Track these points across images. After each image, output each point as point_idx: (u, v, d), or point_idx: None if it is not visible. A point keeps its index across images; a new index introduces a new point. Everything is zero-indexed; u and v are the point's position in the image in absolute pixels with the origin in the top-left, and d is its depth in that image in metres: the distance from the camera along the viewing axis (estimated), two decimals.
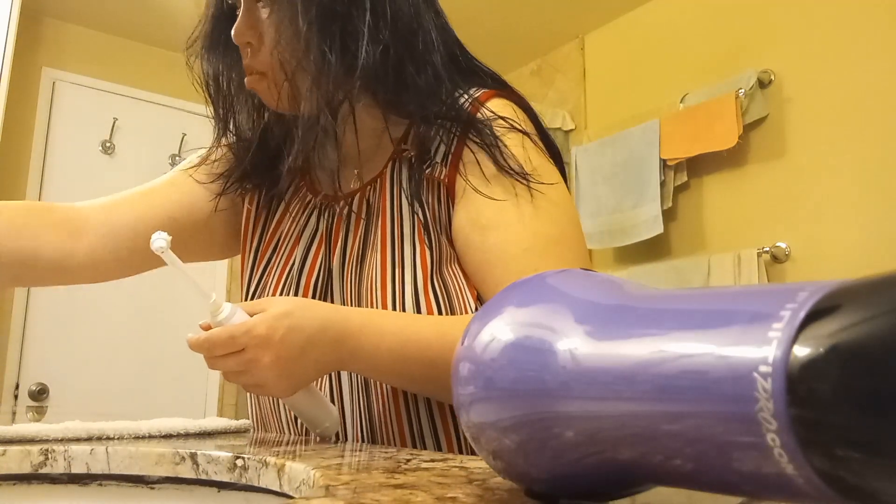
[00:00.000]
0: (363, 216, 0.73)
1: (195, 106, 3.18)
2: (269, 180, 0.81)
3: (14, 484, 0.53)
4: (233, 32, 0.72)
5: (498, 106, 0.71)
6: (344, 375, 0.72)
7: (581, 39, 3.01)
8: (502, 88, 0.74)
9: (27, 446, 0.53)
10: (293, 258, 0.77)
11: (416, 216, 0.70)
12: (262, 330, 0.56)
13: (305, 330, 0.58)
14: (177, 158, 3.06)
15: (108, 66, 2.99)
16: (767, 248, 2.23)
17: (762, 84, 2.32)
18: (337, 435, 0.69)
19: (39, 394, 2.60)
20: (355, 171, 0.77)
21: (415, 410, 0.69)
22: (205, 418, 0.69)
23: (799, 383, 0.18)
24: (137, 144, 3.00)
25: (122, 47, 3.03)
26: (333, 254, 0.74)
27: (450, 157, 0.70)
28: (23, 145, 2.75)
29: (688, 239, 2.52)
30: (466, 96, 0.72)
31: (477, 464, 0.41)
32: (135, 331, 2.79)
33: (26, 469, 0.52)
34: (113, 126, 2.96)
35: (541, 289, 0.28)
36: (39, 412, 1.45)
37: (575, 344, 0.25)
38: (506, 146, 0.68)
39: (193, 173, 0.83)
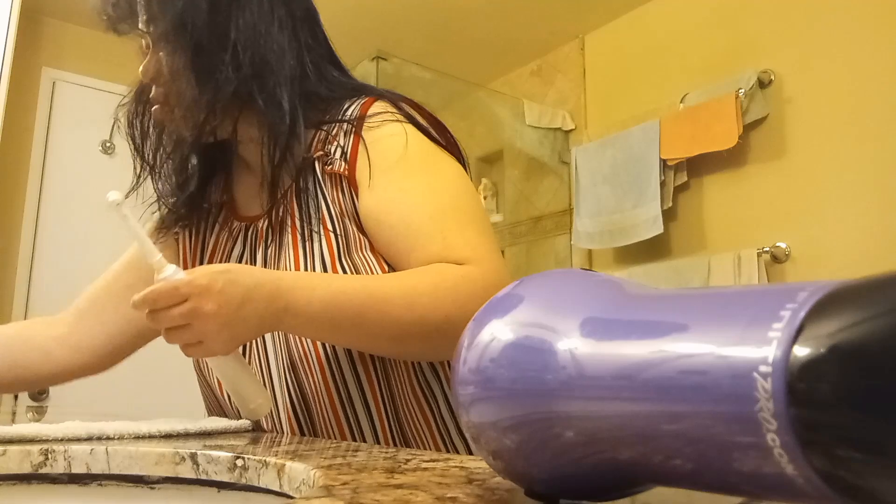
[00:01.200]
0: (277, 224, 0.80)
1: None
2: (198, 215, 0.89)
3: (14, 484, 0.53)
4: (140, 70, 0.80)
5: (380, 107, 0.80)
6: (273, 359, 0.77)
7: (581, 39, 3.01)
8: (381, 96, 0.83)
9: (27, 446, 0.53)
10: None
11: (319, 210, 0.77)
12: (203, 280, 0.59)
13: (243, 283, 0.61)
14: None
15: (108, 66, 2.99)
16: (767, 248, 2.23)
17: (762, 84, 2.32)
18: (266, 422, 0.75)
19: (39, 394, 2.60)
20: (265, 186, 0.84)
21: (349, 401, 0.74)
22: (205, 418, 0.69)
23: (799, 383, 0.18)
24: None
25: (123, 47, 3.02)
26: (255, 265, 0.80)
27: (348, 152, 0.77)
28: (23, 145, 2.75)
29: (688, 239, 2.52)
30: (353, 103, 0.81)
31: (477, 464, 0.41)
32: None
33: (26, 469, 0.52)
34: (113, 126, 2.95)
35: (541, 289, 0.28)
36: (39, 412, 1.45)
37: (575, 344, 0.25)
38: (393, 135, 0.76)
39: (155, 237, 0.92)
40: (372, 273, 0.75)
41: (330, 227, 0.76)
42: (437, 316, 0.65)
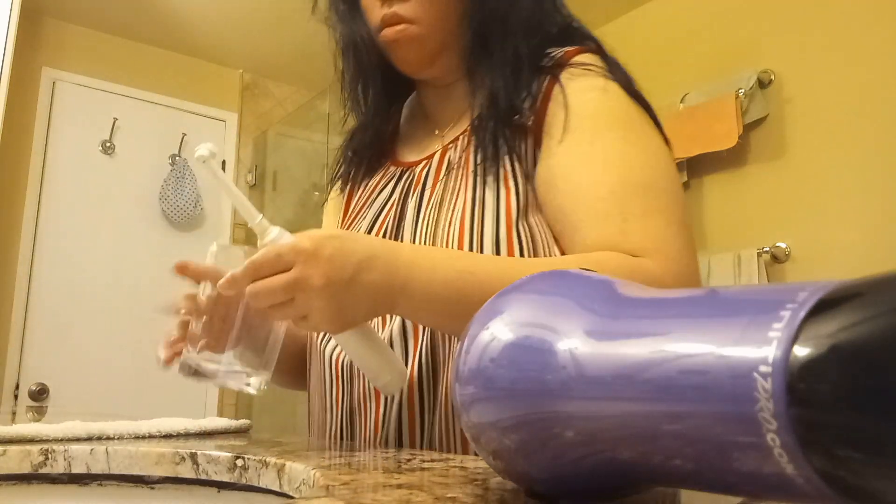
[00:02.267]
0: (443, 169, 0.71)
1: (195, 106, 3.18)
2: (365, 165, 0.82)
3: (14, 484, 0.53)
4: None
5: (585, 58, 0.69)
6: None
7: None
8: (590, 45, 0.73)
9: (27, 446, 0.53)
10: (358, 227, 0.77)
11: (502, 162, 0.67)
12: (307, 244, 0.50)
13: (355, 253, 0.52)
14: (176, 158, 3.06)
15: (108, 66, 2.99)
16: (767, 248, 2.23)
17: (762, 84, 2.32)
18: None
19: (39, 394, 2.60)
20: (436, 132, 0.78)
21: None
22: (205, 418, 0.68)
23: (799, 383, 0.18)
24: (137, 144, 3.00)
25: (122, 47, 3.03)
26: (406, 211, 0.72)
27: (537, 102, 0.67)
28: (23, 145, 2.75)
29: None
30: (556, 49, 0.71)
31: (477, 464, 0.41)
32: (135, 331, 2.79)
33: (26, 469, 0.52)
34: (113, 126, 2.96)
35: (541, 289, 0.28)
36: (39, 412, 1.45)
37: (575, 344, 0.25)
38: (595, 89, 0.66)
39: (331, 212, 0.87)
40: (547, 241, 0.64)
41: (511, 183, 0.66)
42: None
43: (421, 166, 0.75)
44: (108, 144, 2.95)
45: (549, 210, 0.64)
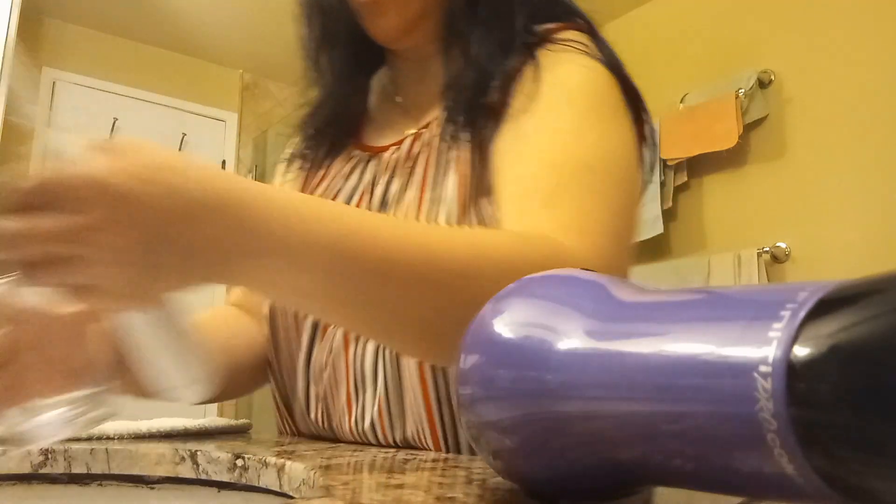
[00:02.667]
0: (413, 157, 0.65)
1: (195, 106, 3.18)
2: (326, 145, 0.74)
3: (14, 484, 0.53)
4: None
5: (569, 35, 0.63)
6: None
7: None
8: (578, 21, 0.66)
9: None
10: None
11: (464, 146, 0.61)
12: (118, 179, 0.33)
13: (187, 195, 0.35)
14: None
15: (108, 66, 2.99)
16: (767, 248, 2.23)
17: (762, 84, 2.32)
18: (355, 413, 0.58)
19: None
20: (408, 113, 0.71)
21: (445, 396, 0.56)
22: (205, 418, 0.69)
23: (799, 383, 0.18)
24: None
25: (122, 47, 3.03)
26: (373, 203, 0.66)
27: (507, 79, 0.61)
28: (23, 145, 2.75)
29: (688, 239, 2.52)
30: (542, 25, 0.65)
31: (477, 464, 0.41)
32: None
33: (26, 469, 0.52)
34: (113, 126, 2.96)
35: (541, 289, 0.29)
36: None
37: (575, 344, 0.25)
38: (571, 62, 0.60)
39: (291, 178, 0.78)
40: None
41: (469, 167, 0.60)
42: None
43: (389, 152, 0.68)
44: None
45: (496, 180, 0.58)
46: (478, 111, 0.60)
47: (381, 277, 0.39)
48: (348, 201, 0.67)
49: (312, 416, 0.65)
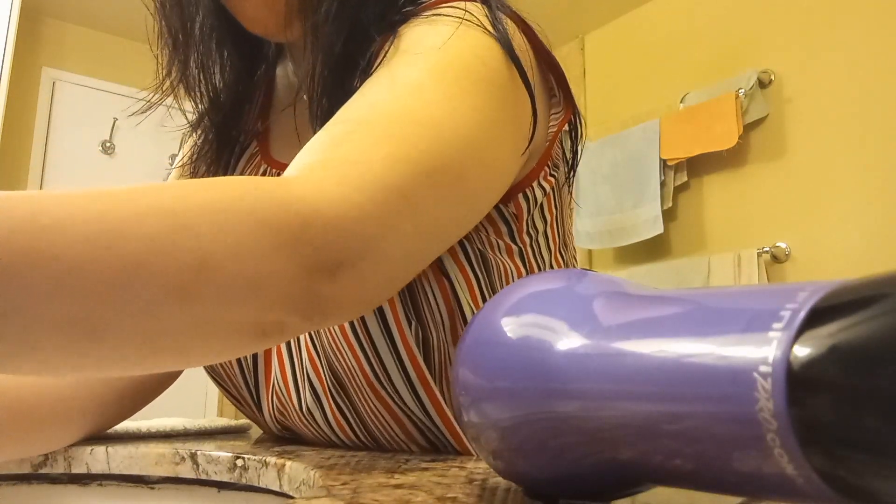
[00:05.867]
0: None
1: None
2: (228, 151, 0.67)
3: (14, 484, 0.53)
4: None
5: (448, 9, 0.53)
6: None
7: (581, 39, 3.01)
8: None
9: None
10: None
11: None
12: None
13: None
14: (176, 158, 3.06)
15: (108, 66, 2.99)
16: (767, 248, 2.23)
17: (762, 84, 2.32)
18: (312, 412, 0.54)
19: None
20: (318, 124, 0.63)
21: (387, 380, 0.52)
22: (205, 418, 0.68)
23: (799, 383, 0.18)
24: (137, 144, 3.00)
25: (122, 47, 3.03)
26: None
27: (369, 60, 0.53)
28: (23, 145, 2.75)
29: (688, 239, 2.52)
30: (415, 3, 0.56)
31: (477, 464, 0.41)
32: None
33: (26, 469, 0.52)
34: (113, 126, 2.96)
35: (541, 289, 0.29)
36: None
37: (575, 344, 0.25)
38: (437, 28, 0.50)
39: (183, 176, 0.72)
40: None
41: None
42: (181, 261, 0.30)
43: None
44: (108, 144, 2.95)
45: None
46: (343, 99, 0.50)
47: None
48: None
49: (268, 417, 0.61)
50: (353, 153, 0.39)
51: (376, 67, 0.50)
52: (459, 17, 0.50)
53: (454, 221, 0.45)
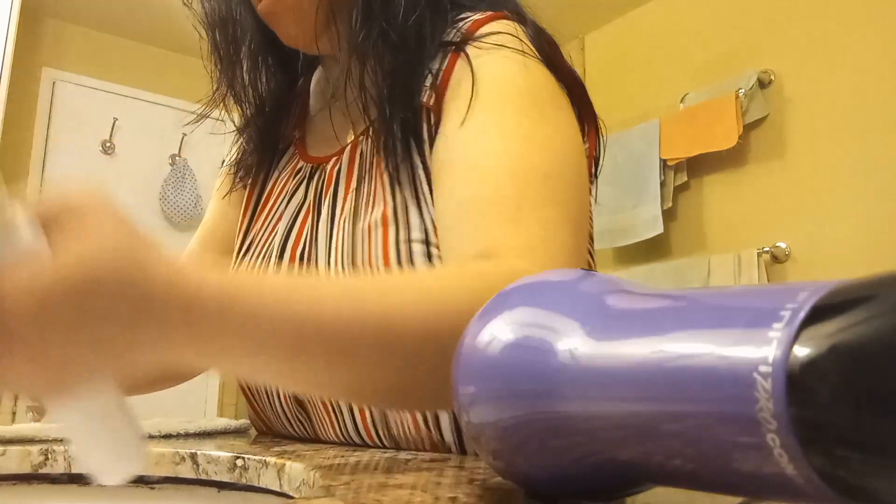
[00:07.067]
0: (356, 167, 0.62)
1: (195, 106, 3.18)
2: (270, 155, 0.74)
3: (14, 484, 0.53)
4: None
5: (497, 26, 0.59)
6: None
7: (581, 39, 3.01)
8: (508, 15, 0.61)
9: (27, 446, 0.53)
10: (275, 232, 0.68)
11: (413, 156, 0.58)
12: (47, 292, 0.28)
13: (122, 309, 0.30)
14: (176, 158, 3.06)
15: (108, 66, 2.99)
16: (767, 248, 2.23)
17: (762, 84, 2.32)
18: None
19: None
20: (345, 116, 0.67)
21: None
22: (205, 418, 0.68)
23: (799, 383, 0.18)
24: (137, 144, 3.00)
25: (122, 47, 3.03)
26: (320, 220, 0.64)
27: (439, 77, 0.58)
28: (23, 145, 2.75)
29: (688, 239, 2.52)
30: (468, 17, 0.61)
31: (477, 464, 0.41)
32: None
33: (26, 469, 0.52)
34: (113, 126, 2.96)
35: (541, 289, 0.29)
36: (39, 412, 1.44)
37: (575, 344, 0.25)
38: (506, 60, 0.56)
39: (228, 198, 0.78)
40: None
41: (424, 175, 0.57)
42: (413, 344, 0.39)
43: (331, 164, 0.65)
44: (108, 144, 2.95)
45: (435, 198, 0.55)
46: (409, 118, 0.58)
47: (342, 356, 0.38)
48: (293, 222, 0.66)
49: (292, 424, 0.65)
50: (538, 231, 0.48)
51: (448, 91, 0.57)
52: (521, 51, 0.57)
53: (585, 244, 0.54)
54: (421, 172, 0.58)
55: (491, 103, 0.54)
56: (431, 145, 0.57)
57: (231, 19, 0.69)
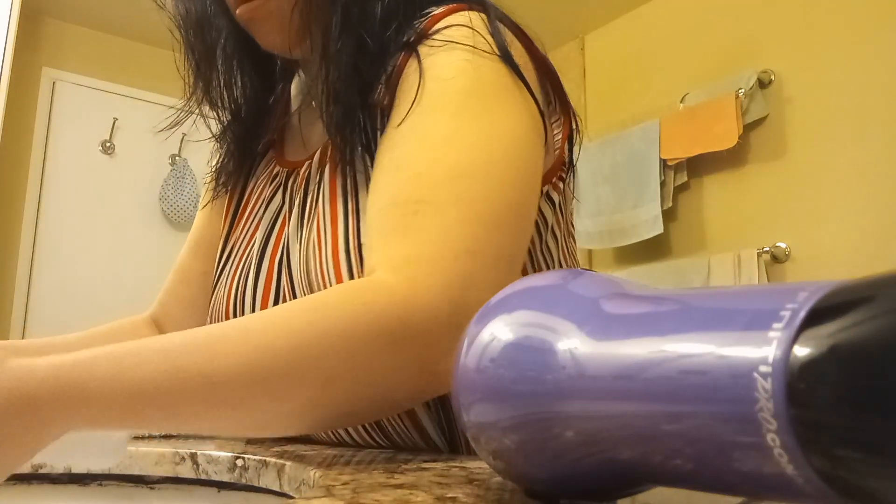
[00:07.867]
0: (321, 170, 0.62)
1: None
2: (248, 161, 0.73)
3: (14, 484, 0.53)
4: None
5: (452, 19, 0.57)
6: None
7: (581, 39, 3.00)
8: (470, 5, 0.59)
9: None
10: (254, 240, 0.67)
11: (366, 159, 0.58)
12: None
13: None
14: (176, 158, 3.06)
15: (108, 66, 2.99)
16: (767, 248, 2.23)
17: (762, 84, 2.32)
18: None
19: None
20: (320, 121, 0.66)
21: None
22: None
23: (799, 383, 0.18)
24: (137, 144, 3.00)
25: (122, 47, 3.03)
26: (290, 224, 0.64)
27: (392, 76, 0.57)
28: (23, 145, 2.75)
29: (688, 239, 2.52)
30: (427, 14, 0.60)
31: (477, 464, 0.41)
32: None
33: (26, 469, 0.52)
34: (113, 126, 2.96)
35: (541, 289, 0.29)
36: None
37: (575, 344, 0.25)
38: (452, 60, 0.54)
39: (212, 205, 0.78)
40: None
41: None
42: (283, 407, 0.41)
43: (304, 168, 0.65)
44: (108, 144, 2.95)
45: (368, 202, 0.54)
46: (361, 119, 0.58)
47: (179, 416, 0.39)
48: (271, 228, 0.66)
49: None
50: (425, 238, 0.46)
51: (399, 89, 0.56)
52: (471, 46, 0.54)
53: (520, 246, 0.51)
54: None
55: (425, 105, 0.53)
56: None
57: (206, 22, 0.68)
